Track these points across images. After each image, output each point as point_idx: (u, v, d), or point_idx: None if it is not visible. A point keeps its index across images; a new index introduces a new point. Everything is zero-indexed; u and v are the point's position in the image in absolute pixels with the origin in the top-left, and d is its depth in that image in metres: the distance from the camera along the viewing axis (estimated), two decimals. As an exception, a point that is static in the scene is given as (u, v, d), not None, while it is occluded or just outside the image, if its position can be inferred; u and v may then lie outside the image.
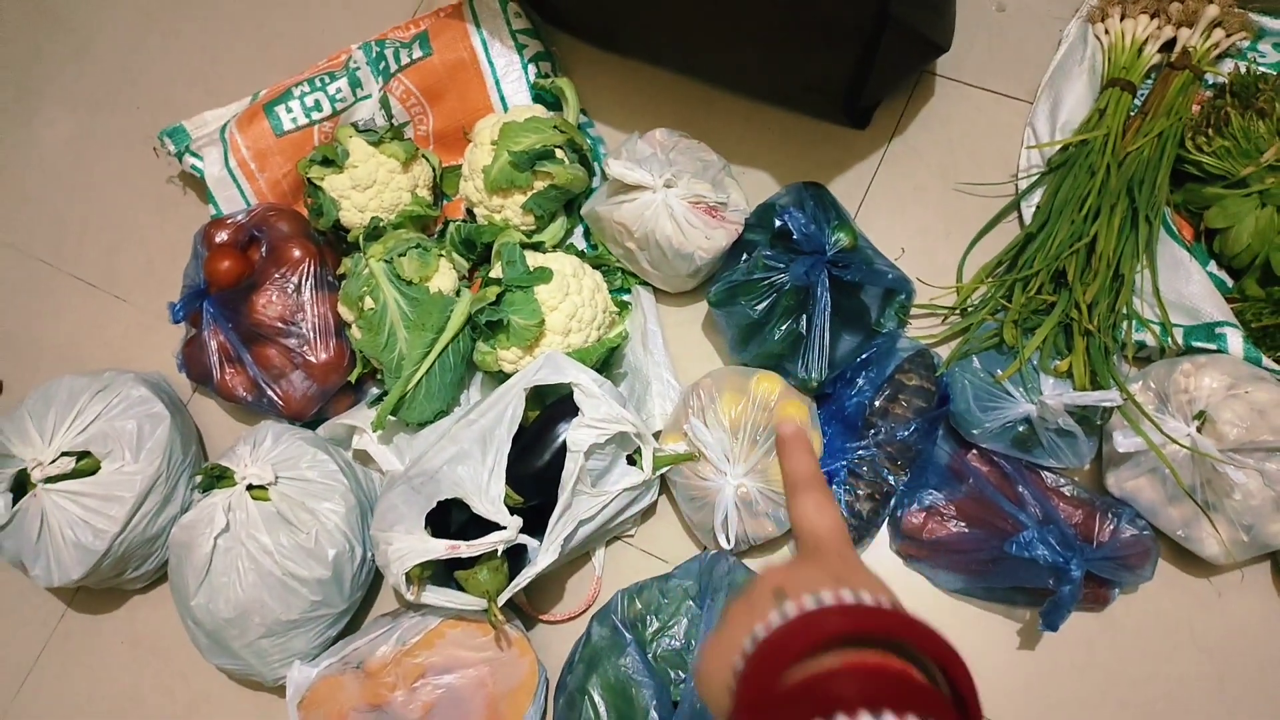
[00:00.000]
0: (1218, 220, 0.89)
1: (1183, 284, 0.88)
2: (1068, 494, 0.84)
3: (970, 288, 0.94)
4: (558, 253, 0.97)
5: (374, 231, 0.98)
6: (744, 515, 0.85)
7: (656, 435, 0.92)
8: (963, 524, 0.84)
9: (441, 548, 0.80)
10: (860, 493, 0.87)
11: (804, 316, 0.88)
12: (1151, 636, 0.85)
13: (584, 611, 0.93)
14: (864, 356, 0.90)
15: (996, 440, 0.85)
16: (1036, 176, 0.97)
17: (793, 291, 0.88)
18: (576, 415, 0.83)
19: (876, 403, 0.88)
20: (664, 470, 0.88)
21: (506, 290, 0.91)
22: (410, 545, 0.80)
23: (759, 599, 0.37)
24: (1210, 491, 0.79)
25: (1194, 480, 0.80)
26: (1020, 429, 0.83)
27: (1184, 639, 0.85)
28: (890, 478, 0.87)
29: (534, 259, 0.93)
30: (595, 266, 0.99)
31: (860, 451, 0.87)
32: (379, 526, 0.84)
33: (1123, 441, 0.79)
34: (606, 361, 0.96)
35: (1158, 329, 0.87)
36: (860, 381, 0.89)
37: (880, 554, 0.90)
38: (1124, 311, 0.87)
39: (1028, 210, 0.96)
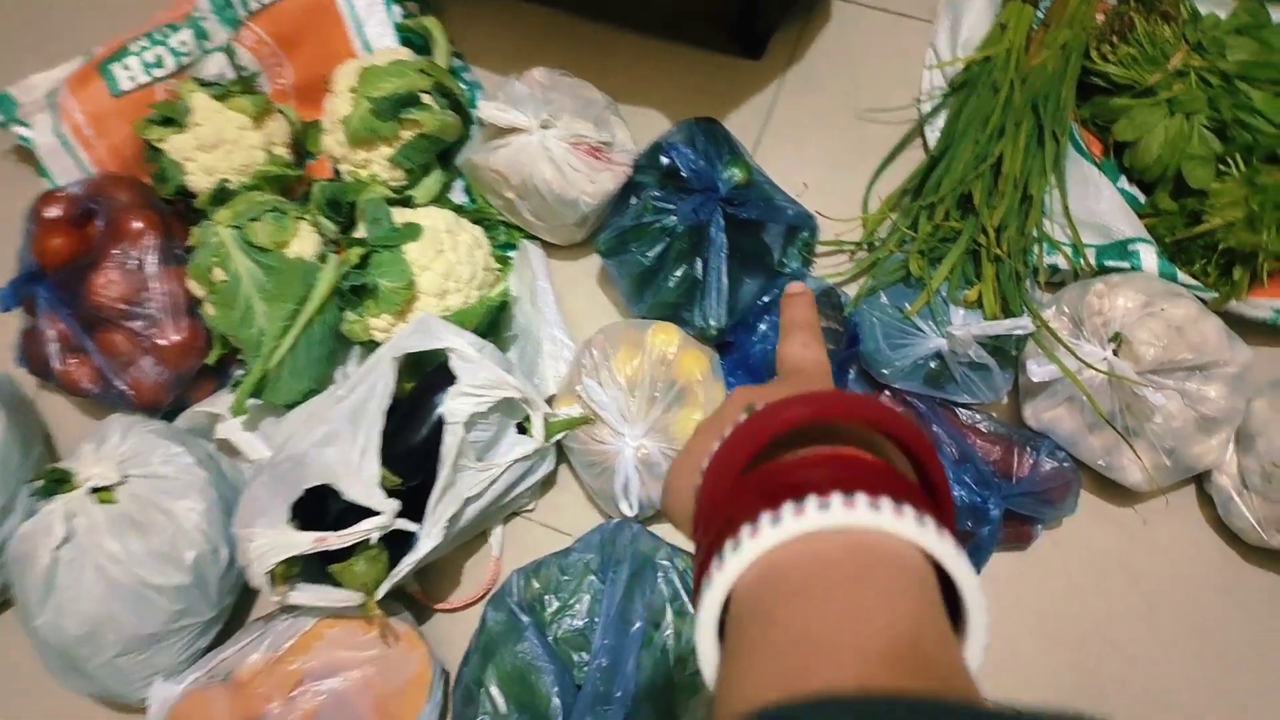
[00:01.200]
0: (1126, 133, 0.85)
1: (1093, 202, 0.83)
2: (984, 430, 0.79)
3: (876, 219, 0.89)
4: (429, 208, 0.88)
5: (221, 195, 0.88)
6: (646, 478, 0.79)
7: (551, 400, 0.85)
8: (878, 470, 0.79)
9: (307, 540, 0.71)
10: (770, 445, 0.81)
11: (699, 260, 0.81)
12: (1078, 571, 0.81)
13: (483, 596, 0.85)
14: (766, 300, 0.83)
15: (908, 379, 0.79)
16: (940, 99, 0.91)
17: (686, 234, 0.81)
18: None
19: (782, 348, 0.81)
20: (558, 437, 0.81)
21: (372, 251, 0.82)
22: (272, 540, 0.72)
23: (729, 410, 0.36)
24: (1130, 416, 0.75)
25: (1113, 406, 0.75)
26: (932, 365, 0.78)
27: (1112, 570, 0.81)
28: (801, 427, 0.81)
29: (402, 216, 0.84)
30: (476, 221, 0.91)
31: (768, 401, 0.81)
32: (241, 522, 0.75)
33: (1036, 370, 0.74)
34: (494, 323, 0.88)
35: (1069, 250, 0.82)
36: (763, 327, 0.82)
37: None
38: (1034, 234, 0.82)
39: (932, 135, 0.90)
